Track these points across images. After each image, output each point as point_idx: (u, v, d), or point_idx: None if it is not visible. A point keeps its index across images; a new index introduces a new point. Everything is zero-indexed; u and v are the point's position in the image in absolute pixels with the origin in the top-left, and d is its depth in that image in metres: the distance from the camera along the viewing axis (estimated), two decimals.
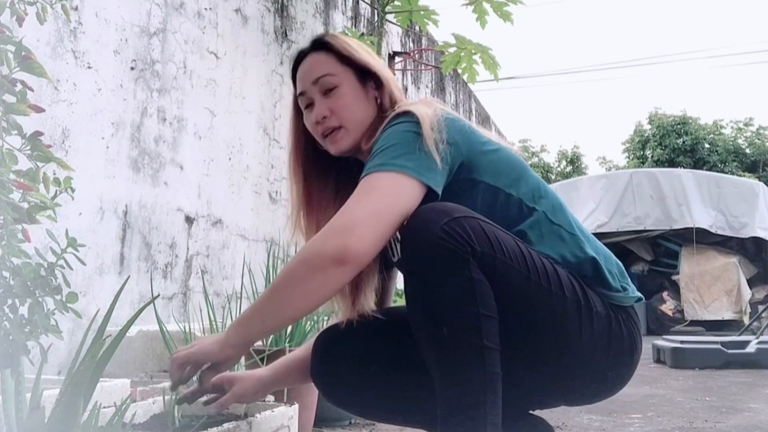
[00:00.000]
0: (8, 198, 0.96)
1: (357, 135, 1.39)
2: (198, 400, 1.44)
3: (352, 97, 1.39)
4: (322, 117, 1.38)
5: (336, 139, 1.38)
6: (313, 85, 1.40)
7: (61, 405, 0.98)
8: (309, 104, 1.42)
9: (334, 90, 1.38)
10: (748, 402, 3.28)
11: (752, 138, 20.56)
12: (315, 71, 1.40)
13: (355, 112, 1.39)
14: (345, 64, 1.40)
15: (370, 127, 1.40)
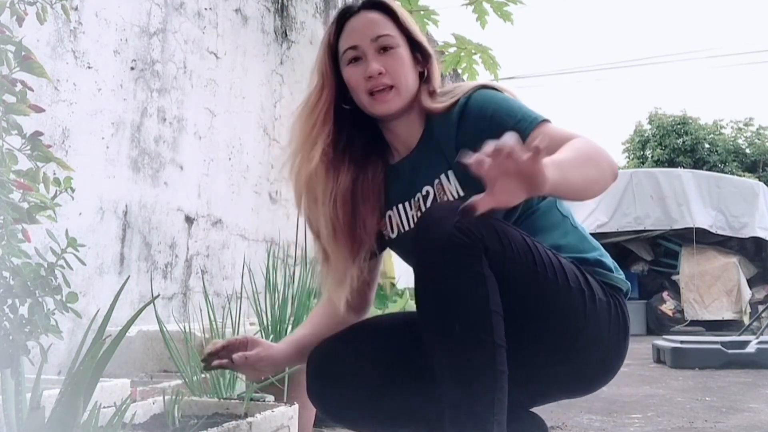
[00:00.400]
0: (8, 198, 0.96)
1: (405, 99, 1.40)
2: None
3: (406, 62, 1.40)
4: (378, 72, 1.37)
5: (386, 99, 1.38)
6: (371, 41, 1.39)
7: (61, 405, 0.98)
8: (358, 57, 1.40)
9: (391, 50, 1.39)
10: (748, 402, 3.28)
11: (752, 138, 20.56)
12: (376, 28, 1.39)
13: (407, 76, 1.40)
14: (401, 31, 1.42)
15: (413, 96, 1.41)
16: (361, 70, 1.38)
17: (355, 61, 1.39)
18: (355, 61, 1.39)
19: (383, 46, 1.38)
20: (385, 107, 1.39)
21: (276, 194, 3.95)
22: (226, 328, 2.05)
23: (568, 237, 1.39)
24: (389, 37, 1.39)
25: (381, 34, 1.39)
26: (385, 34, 1.39)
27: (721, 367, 4.77)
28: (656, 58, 43.99)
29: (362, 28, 1.40)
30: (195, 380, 1.87)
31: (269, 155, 3.91)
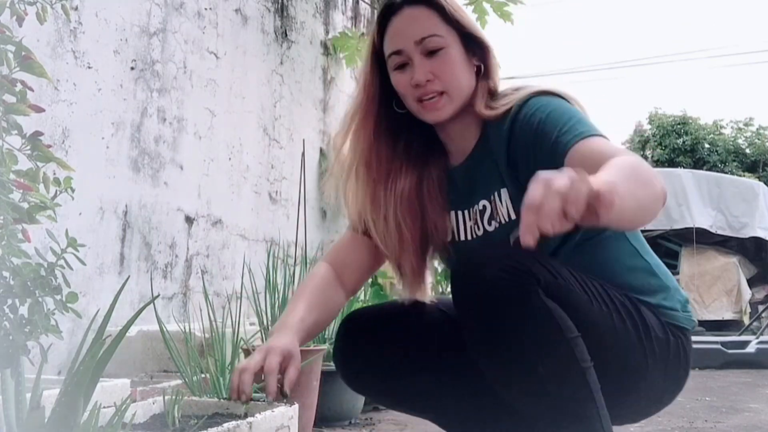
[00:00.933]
0: (8, 198, 0.96)
1: (458, 104, 1.28)
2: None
3: (457, 62, 1.27)
4: (426, 80, 1.25)
5: (437, 106, 1.27)
6: (416, 44, 1.26)
7: (61, 405, 0.98)
8: (404, 64, 1.28)
9: (439, 52, 1.26)
10: (748, 402, 3.28)
11: (752, 138, 20.55)
12: (420, 29, 1.26)
13: (459, 79, 1.28)
14: (450, 26, 1.28)
15: (468, 98, 1.29)
16: (407, 77, 1.27)
17: (401, 67, 1.28)
18: (401, 67, 1.28)
19: (430, 50, 1.26)
20: (436, 115, 1.28)
21: (276, 194, 3.95)
22: (226, 328, 2.05)
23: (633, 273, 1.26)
24: (436, 38, 1.26)
25: (426, 36, 1.25)
26: (430, 35, 1.25)
27: (721, 367, 4.77)
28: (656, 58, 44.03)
29: (405, 30, 1.27)
30: (195, 380, 1.87)
31: (269, 155, 3.91)
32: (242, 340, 2.10)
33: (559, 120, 1.16)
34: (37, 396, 1.02)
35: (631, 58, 42.24)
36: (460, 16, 1.29)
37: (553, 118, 1.17)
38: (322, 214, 4.49)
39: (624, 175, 0.95)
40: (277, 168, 3.98)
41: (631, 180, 0.95)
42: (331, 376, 2.33)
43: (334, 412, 2.46)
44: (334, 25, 4.81)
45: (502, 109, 1.26)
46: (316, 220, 4.38)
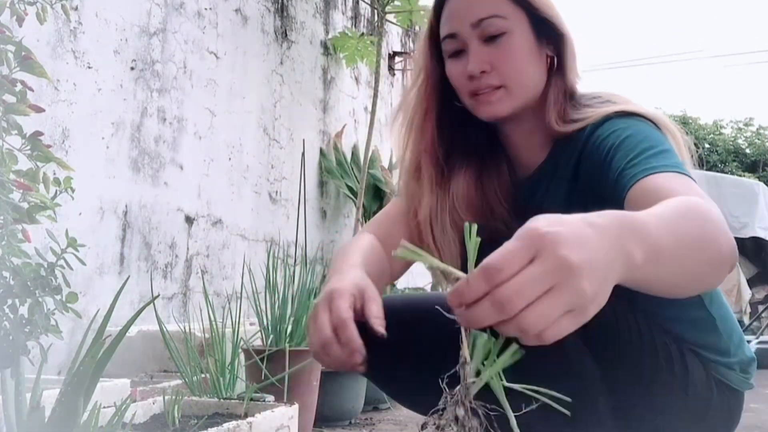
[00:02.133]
0: (8, 198, 0.96)
1: (519, 101, 1.07)
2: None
3: (523, 51, 1.06)
4: (481, 71, 1.05)
5: (491, 100, 1.06)
6: (472, 27, 1.06)
7: (61, 405, 0.98)
8: (459, 50, 1.08)
9: (500, 37, 1.05)
10: (748, 402, 3.27)
11: (752, 138, 20.56)
12: (478, 8, 1.06)
13: (523, 71, 1.07)
14: (518, 4, 1.07)
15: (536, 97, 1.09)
16: (461, 67, 1.08)
17: (456, 54, 1.09)
18: (456, 54, 1.09)
19: (490, 34, 1.05)
20: (489, 110, 1.07)
21: (276, 194, 3.95)
22: (226, 328, 2.05)
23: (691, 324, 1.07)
24: (496, 20, 1.05)
25: (484, 17, 1.05)
26: (489, 15, 1.04)
27: None
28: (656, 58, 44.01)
29: (461, 9, 1.07)
30: (195, 380, 1.87)
31: (269, 155, 3.91)
32: (242, 340, 2.10)
33: (634, 149, 0.94)
34: (37, 396, 1.02)
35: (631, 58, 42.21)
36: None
37: (627, 145, 0.96)
38: (322, 214, 4.49)
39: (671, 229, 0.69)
40: (277, 168, 3.98)
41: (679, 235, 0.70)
42: (331, 376, 2.33)
43: (334, 412, 2.46)
44: (334, 25, 4.81)
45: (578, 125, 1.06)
46: (316, 220, 4.38)
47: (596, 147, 1.01)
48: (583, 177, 1.04)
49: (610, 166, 0.96)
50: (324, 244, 4.39)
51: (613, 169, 0.95)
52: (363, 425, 2.54)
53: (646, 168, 0.90)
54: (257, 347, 2.14)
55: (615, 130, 1.00)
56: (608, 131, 1.00)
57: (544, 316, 0.54)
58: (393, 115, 1.21)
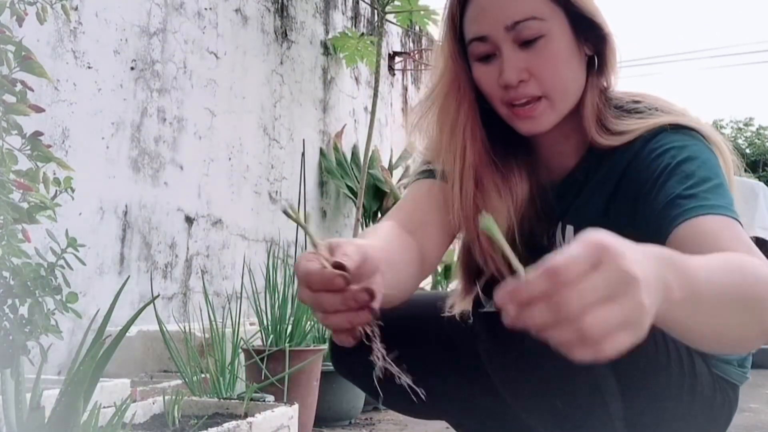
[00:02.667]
0: (8, 198, 0.96)
1: (563, 111, 0.98)
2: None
3: (564, 55, 0.95)
4: (519, 81, 0.94)
5: (533, 114, 0.96)
6: (506, 30, 0.94)
7: (61, 405, 0.98)
8: (490, 54, 0.97)
9: (538, 41, 0.94)
10: (748, 402, 3.28)
11: (752, 138, 20.56)
12: (513, 9, 0.94)
13: (565, 78, 0.96)
14: (557, 3, 0.95)
15: (577, 102, 0.99)
16: (494, 74, 0.96)
17: (488, 59, 0.97)
18: (488, 59, 0.97)
19: (526, 38, 0.94)
20: (531, 125, 0.98)
21: (276, 194, 3.95)
22: (226, 328, 2.05)
23: None
24: (534, 22, 0.93)
25: (520, 19, 0.93)
26: (526, 18, 0.93)
27: None
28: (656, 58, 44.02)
29: (492, 9, 0.95)
30: (195, 380, 1.87)
31: (269, 155, 3.91)
32: (242, 340, 2.10)
33: (690, 176, 0.87)
34: (37, 396, 1.02)
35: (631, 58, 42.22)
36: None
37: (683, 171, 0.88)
38: (322, 214, 4.49)
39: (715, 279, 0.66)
40: (277, 168, 3.98)
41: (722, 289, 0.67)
42: (331, 376, 2.33)
43: (334, 412, 2.46)
44: (334, 25, 4.81)
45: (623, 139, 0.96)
46: (316, 220, 4.38)
47: (647, 164, 0.93)
48: (626, 191, 0.97)
49: (661, 189, 0.89)
50: None
51: (663, 194, 0.88)
52: (363, 425, 2.54)
53: (700, 205, 0.85)
54: (257, 347, 2.14)
55: (670, 148, 0.92)
56: (662, 147, 0.92)
57: (604, 322, 0.51)
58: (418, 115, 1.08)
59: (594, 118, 0.99)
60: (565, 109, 0.98)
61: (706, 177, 0.88)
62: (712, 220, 0.84)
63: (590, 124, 0.99)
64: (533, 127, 0.98)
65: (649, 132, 0.95)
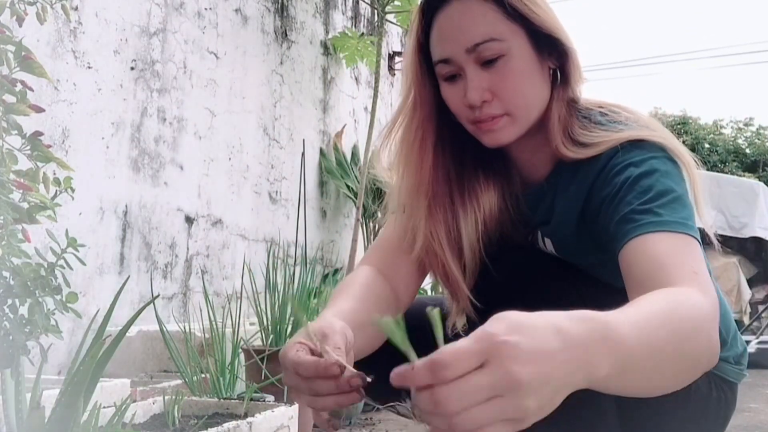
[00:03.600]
0: (8, 198, 0.96)
1: (524, 126, 1.00)
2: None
3: (525, 73, 0.98)
4: (482, 101, 0.98)
5: (494, 128, 0.99)
6: (467, 53, 0.97)
7: (61, 405, 0.98)
8: (455, 74, 1.00)
9: (498, 61, 0.97)
10: (748, 402, 3.28)
11: (752, 138, 20.56)
12: (472, 31, 0.97)
13: (526, 95, 0.99)
14: (514, 21, 0.97)
15: (541, 115, 1.02)
16: (459, 93, 1.00)
17: (453, 79, 1.01)
18: (453, 79, 1.01)
19: (486, 59, 0.97)
20: (493, 138, 1.01)
21: (276, 194, 3.95)
22: (226, 328, 2.05)
23: None
24: (493, 44, 0.96)
25: (479, 42, 0.96)
26: (485, 40, 0.96)
27: None
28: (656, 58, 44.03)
29: (454, 33, 0.98)
30: (195, 380, 1.87)
31: (269, 155, 3.91)
32: (242, 340, 2.10)
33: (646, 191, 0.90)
34: (37, 396, 1.02)
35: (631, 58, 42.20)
36: (528, 7, 0.97)
37: (640, 187, 0.90)
38: (322, 214, 4.49)
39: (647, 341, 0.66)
40: (277, 168, 3.98)
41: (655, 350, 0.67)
42: None
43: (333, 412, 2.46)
44: (334, 25, 4.81)
45: (589, 153, 0.98)
46: (316, 220, 4.38)
47: (609, 179, 0.95)
48: (594, 204, 0.99)
49: (619, 204, 0.92)
50: (324, 244, 4.39)
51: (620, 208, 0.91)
52: (363, 425, 2.54)
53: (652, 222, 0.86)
54: (257, 347, 2.14)
55: (630, 163, 0.94)
56: (623, 163, 0.94)
57: (476, 422, 0.52)
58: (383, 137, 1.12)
59: (560, 130, 1.02)
60: (527, 123, 1.01)
61: (663, 191, 0.90)
62: (661, 238, 0.85)
63: (556, 136, 1.01)
64: (495, 140, 1.01)
65: (612, 147, 0.97)
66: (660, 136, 0.97)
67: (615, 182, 0.94)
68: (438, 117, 1.07)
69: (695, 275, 0.80)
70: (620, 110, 1.04)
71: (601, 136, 0.99)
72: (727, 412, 1.12)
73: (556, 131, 1.01)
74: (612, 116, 1.02)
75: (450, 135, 1.08)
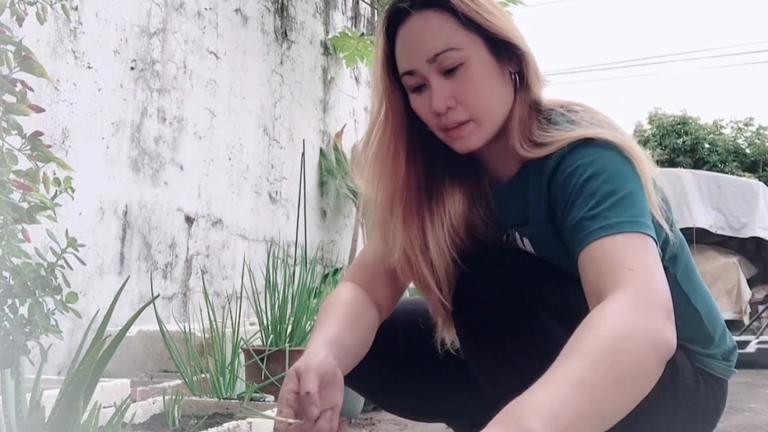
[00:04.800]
0: (8, 198, 0.96)
1: (490, 130, 1.05)
2: None
3: (485, 79, 1.03)
4: (446, 108, 1.03)
5: (461, 134, 1.04)
6: (428, 63, 1.02)
7: (61, 405, 0.98)
8: (420, 85, 1.05)
9: (459, 69, 1.02)
10: (748, 402, 3.28)
11: (752, 138, 20.56)
12: (431, 42, 1.02)
13: (488, 99, 1.04)
14: (470, 30, 1.02)
15: (506, 117, 1.06)
16: (427, 102, 1.04)
17: (419, 89, 1.06)
18: (419, 89, 1.06)
19: (447, 68, 1.02)
20: (462, 144, 1.05)
21: (276, 194, 3.95)
22: (226, 328, 2.05)
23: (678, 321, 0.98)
24: (452, 53, 1.01)
25: (438, 52, 1.01)
26: (443, 50, 1.01)
27: None
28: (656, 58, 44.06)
29: (415, 45, 1.03)
30: (195, 380, 1.87)
31: (269, 155, 3.91)
32: (242, 340, 2.10)
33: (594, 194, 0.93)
34: (37, 396, 1.02)
35: (631, 58, 42.21)
36: (482, 16, 1.02)
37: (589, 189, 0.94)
38: (322, 214, 4.49)
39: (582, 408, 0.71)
40: (277, 168, 3.98)
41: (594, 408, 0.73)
42: None
43: None
44: (334, 25, 4.81)
45: (544, 152, 1.02)
46: (316, 220, 4.38)
47: (562, 183, 0.99)
48: (556, 205, 1.02)
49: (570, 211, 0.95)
50: (324, 244, 4.39)
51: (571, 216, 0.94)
52: (363, 425, 2.54)
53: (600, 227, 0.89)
54: (257, 347, 2.14)
55: (578, 165, 0.97)
56: (572, 165, 0.98)
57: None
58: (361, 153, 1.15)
59: (519, 131, 1.05)
60: (492, 127, 1.05)
61: (610, 191, 0.92)
62: (607, 242, 0.88)
63: (514, 136, 1.05)
64: (465, 146, 1.05)
65: (563, 148, 1.00)
66: (609, 134, 0.99)
67: (566, 186, 0.97)
68: (409, 127, 1.11)
69: (631, 272, 0.83)
70: (580, 108, 1.06)
71: (554, 136, 1.02)
72: (716, 407, 1.14)
73: (514, 132, 1.05)
74: (569, 116, 1.05)
75: (422, 144, 1.12)
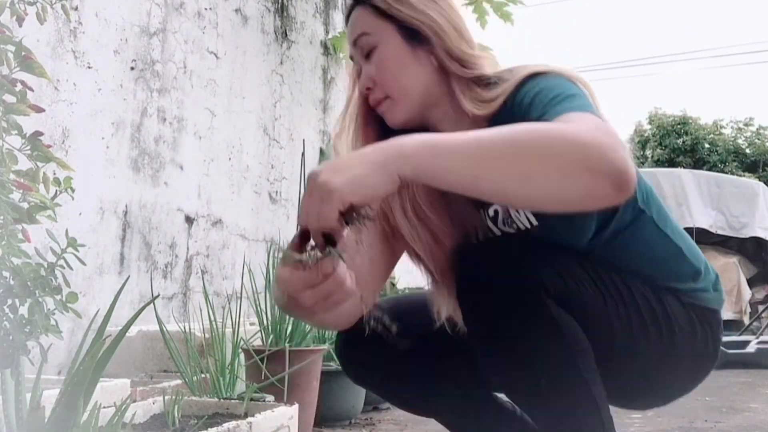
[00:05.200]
0: (8, 198, 0.96)
1: (408, 105, 1.14)
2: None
3: (394, 60, 1.14)
4: (366, 88, 1.16)
5: (383, 111, 1.16)
6: (353, 47, 1.19)
7: (61, 405, 0.98)
8: (359, 71, 1.19)
9: (373, 53, 1.15)
10: (748, 402, 3.28)
11: (752, 138, 20.57)
12: (352, 30, 1.18)
13: (398, 78, 1.14)
14: (384, 19, 1.15)
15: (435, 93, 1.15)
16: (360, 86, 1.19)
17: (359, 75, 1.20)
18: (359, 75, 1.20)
19: (366, 52, 1.16)
20: (389, 120, 1.16)
21: (276, 194, 3.95)
22: (226, 328, 2.05)
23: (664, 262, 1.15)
24: (365, 38, 1.16)
25: (355, 37, 1.17)
26: (359, 35, 1.16)
27: (721, 367, 4.75)
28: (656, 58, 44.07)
29: (348, 33, 1.21)
30: (195, 380, 1.87)
31: (269, 155, 3.91)
32: (242, 340, 2.10)
33: (543, 100, 1.02)
34: (37, 396, 1.02)
35: (631, 58, 42.23)
36: (394, 7, 1.13)
37: (540, 100, 1.02)
38: None
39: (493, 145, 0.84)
40: (277, 168, 3.98)
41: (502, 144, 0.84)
42: (331, 376, 2.33)
43: (334, 412, 2.46)
44: (334, 25, 4.81)
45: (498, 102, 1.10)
46: None
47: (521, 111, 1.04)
48: None
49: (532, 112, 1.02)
50: None
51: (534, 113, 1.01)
52: (363, 425, 2.54)
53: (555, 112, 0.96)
54: (257, 347, 2.14)
55: (528, 90, 1.05)
56: (523, 94, 1.06)
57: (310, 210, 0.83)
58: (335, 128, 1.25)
59: (469, 99, 1.13)
60: (408, 102, 1.15)
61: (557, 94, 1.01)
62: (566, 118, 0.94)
63: (466, 105, 1.12)
64: (390, 120, 1.16)
65: (515, 85, 1.08)
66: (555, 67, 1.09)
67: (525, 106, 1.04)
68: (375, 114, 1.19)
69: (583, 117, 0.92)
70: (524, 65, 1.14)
71: (501, 86, 1.10)
72: (715, 343, 1.20)
73: (465, 102, 1.12)
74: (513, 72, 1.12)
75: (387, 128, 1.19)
